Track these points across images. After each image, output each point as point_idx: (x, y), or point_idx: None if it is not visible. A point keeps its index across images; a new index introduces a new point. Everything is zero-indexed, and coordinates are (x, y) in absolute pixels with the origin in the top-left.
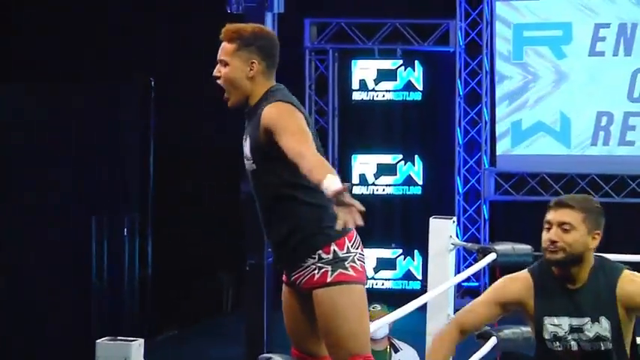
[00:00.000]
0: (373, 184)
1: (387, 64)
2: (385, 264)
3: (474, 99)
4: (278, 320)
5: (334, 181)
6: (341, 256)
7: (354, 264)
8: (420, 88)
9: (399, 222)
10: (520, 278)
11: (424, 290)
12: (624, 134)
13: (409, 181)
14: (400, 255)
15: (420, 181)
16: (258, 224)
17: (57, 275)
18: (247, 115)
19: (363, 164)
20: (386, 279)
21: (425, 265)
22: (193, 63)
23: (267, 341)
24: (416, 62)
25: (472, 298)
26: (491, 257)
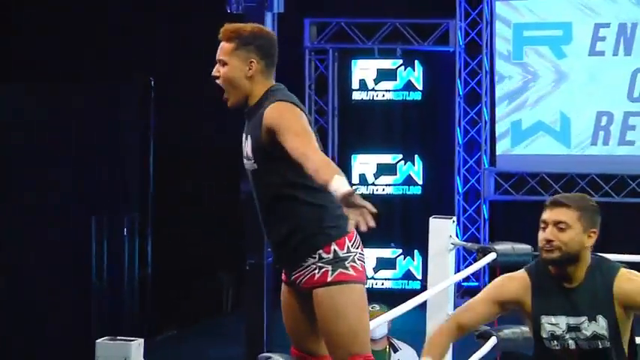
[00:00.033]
0: (373, 184)
1: (387, 64)
2: (385, 264)
3: (474, 99)
4: (278, 320)
5: (343, 183)
6: (341, 256)
7: (355, 264)
8: (420, 88)
9: (399, 222)
10: (517, 277)
11: (424, 290)
12: (624, 134)
13: (409, 181)
14: (400, 255)
15: (420, 181)
16: (258, 224)
17: (57, 275)
18: (247, 115)
19: (363, 164)
20: (386, 279)
21: (425, 265)
22: (193, 63)
23: (267, 341)
24: (416, 62)
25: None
26: (491, 257)
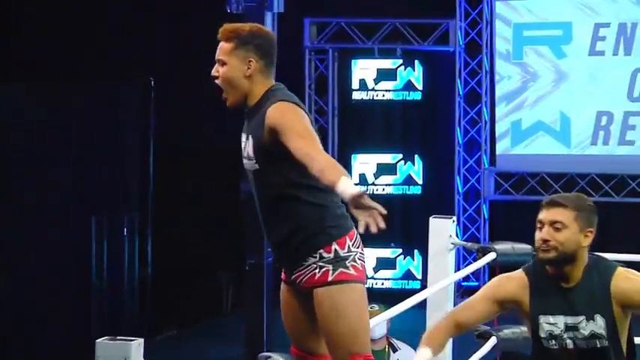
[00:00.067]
0: (373, 184)
1: (387, 64)
2: (385, 263)
3: (474, 98)
4: (278, 320)
5: (350, 184)
6: (342, 255)
7: (355, 263)
8: (420, 88)
9: (399, 221)
10: (515, 277)
11: (424, 290)
12: (624, 134)
13: (409, 181)
14: (400, 254)
15: (420, 181)
16: (258, 224)
17: (57, 275)
18: (247, 115)
19: (363, 164)
20: (386, 278)
21: (425, 265)
22: (193, 63)
23: (267, 341)
24: (416, 62)
25: None
26: (490, 257)
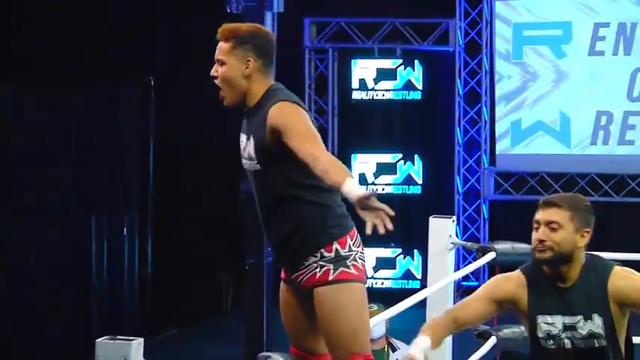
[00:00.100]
0: (373, 184)
1: (387, 64)
2: (385, 263)
3: (474, 98)
4: (278, 319)
5: (355, 185)
6: (343, 255)
7: (356, 262)
8: (420, 88)
9: (399, 221)
10: (513, 277)
11: (424, 290)
12: (624, 133)
13: (409, 181)
14: (400, 254)
15: (420, 181)
16: (258, 223)
17: (57, 275)
18: (247, 115)
19: (363, 163)
20: (385, 278)
21: (425, 265)
22: (193, 63)
23: (266, 340)
24: (415, 61)
25: None
26: (490, 256)
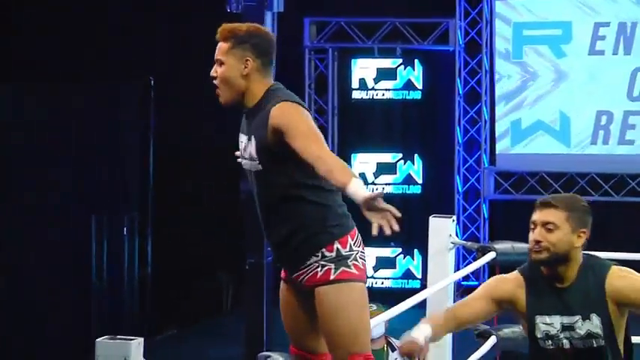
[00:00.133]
0: (373, 183)
1: (387, 63)
2: (385, 263)
3: (474, 98)
4: (278, 319)
5: (360, 186)
6: (344, 254)
7: (357, 262)
8: (420, 87)
9: (399, 221)
10: (511, 278)
11: (424, 289)
12: (624, 133)
13: (409, 180)
14: (400, 254)
15: (420, 180)
16: (258, 223)
17: (57, 275)
18: (247, 115)
19: (363, 163)
20: (385, 278)
21: (425, 264)
22: (193, 63)
23: (266, 340)
24: (415, 61)
25: None
26: (490, 256)
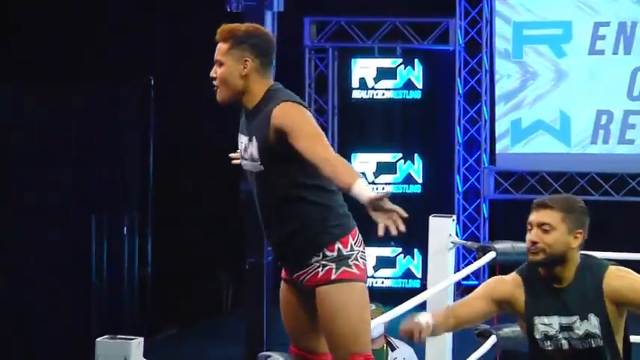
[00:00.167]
0: (373, 183)
1: (387, 63)
2: (385, 262)
3: (474, 97)
4: (278, 319)
5: (365, 187)
6: (345, 254)
7: (358, 262)
8: (420, 87)
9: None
10: (509, 279)
11: (424, 289)
12: (624, 133)
13: (409, 180)
14: (400, 253)
15: (420, 180)
16: (258, 223)
17: (57, 275)
18: (248, 115)
19: (363, 163)
20: (386, 277)
21: (425, 264)
22: (193, 63)
23: (266, 340)
24: (416, 61)
25: None
26: (490, 256)
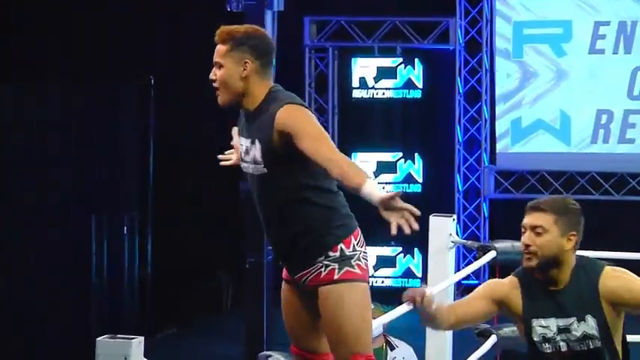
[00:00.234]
0: None
1: (387, 62)
2: (385, 262)
3: (474, 97)
4: (278, 318)
5: (375, 187)
6: (348, 254)
7: (360, 262)
8: (420, 86)
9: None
10: (507, 281)
11: None
12: (624, 132)
13: (409, 179)
14: (400, 253)
15: (420, 179)
16: (258, 222)
17: (57, 275)
18: (249, 118)
19: (363, 162)
20: (386, 277)
21: (425, 263)
22: (193, 63)
23: (266, 340)
24: (416, 60)
25: None
26: (491, 255)
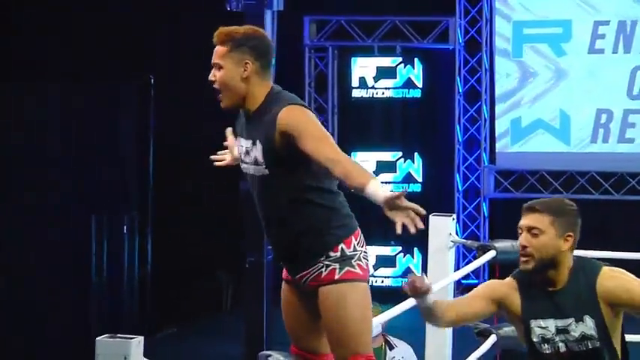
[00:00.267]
0: None
1: (387, 62)
2: (385, 261)
3: (474, 96)
4: (278, 318)
5: (379, 186)
6: (348, 254)
7: (360, 262)
8: (420, 86)
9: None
10: (506, 282)
11: None
12: (624, 131)
13: (409, 179)
14: (400, 252)
15: (420, 179)
16: (257, 222)
17: (57, 275)
18: (249, 119)
19: (363, 162)
20: (385, 276)
21: (425, 263)
22: (193, 63)
23: (266, 339)
24: (415, 60)
25: None
26: (490, 254)
